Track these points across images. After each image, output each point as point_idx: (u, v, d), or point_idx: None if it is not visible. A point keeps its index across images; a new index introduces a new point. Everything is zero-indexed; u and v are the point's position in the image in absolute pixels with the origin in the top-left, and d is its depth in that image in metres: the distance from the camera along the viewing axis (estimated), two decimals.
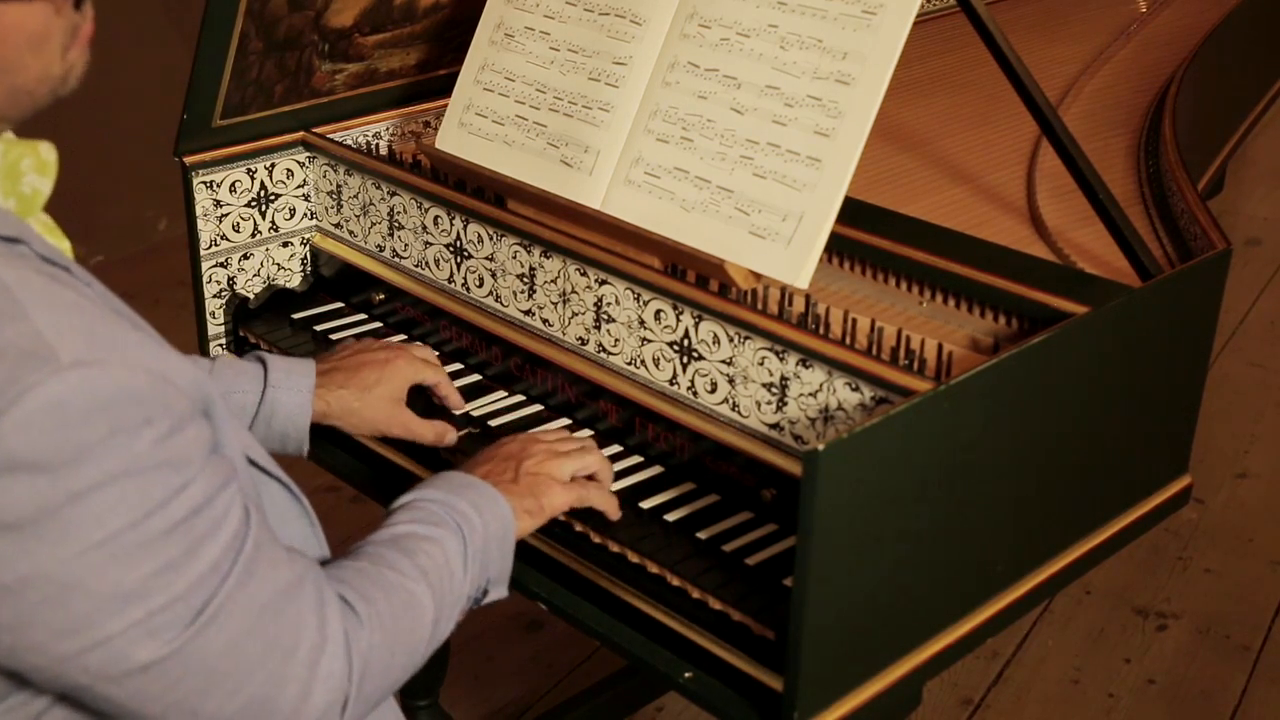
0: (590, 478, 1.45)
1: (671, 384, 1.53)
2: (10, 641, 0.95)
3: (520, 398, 1.69)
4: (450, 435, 1.60)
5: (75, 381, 0.92)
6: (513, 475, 1.38)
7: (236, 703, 1.03)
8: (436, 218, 1.77)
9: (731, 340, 1.45)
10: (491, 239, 1.70)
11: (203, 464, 0.99)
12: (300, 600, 1.07)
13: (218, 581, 1.00)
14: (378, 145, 1.98)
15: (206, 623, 0.99)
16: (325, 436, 1.63)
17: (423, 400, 1.64)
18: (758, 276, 1.48)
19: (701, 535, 1.42)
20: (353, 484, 1.72)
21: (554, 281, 1.63)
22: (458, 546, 1.26)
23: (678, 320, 1.50)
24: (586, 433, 1.61)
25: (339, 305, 1.93)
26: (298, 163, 1.92)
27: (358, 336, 1.83)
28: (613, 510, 1.44)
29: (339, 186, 1.90)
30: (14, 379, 0.90)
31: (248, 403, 1.50)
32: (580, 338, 1.62)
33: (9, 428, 0.90)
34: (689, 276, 1.52)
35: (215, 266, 1.88)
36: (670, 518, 1.46)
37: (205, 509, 0.99)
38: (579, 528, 1.45)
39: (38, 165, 1.06)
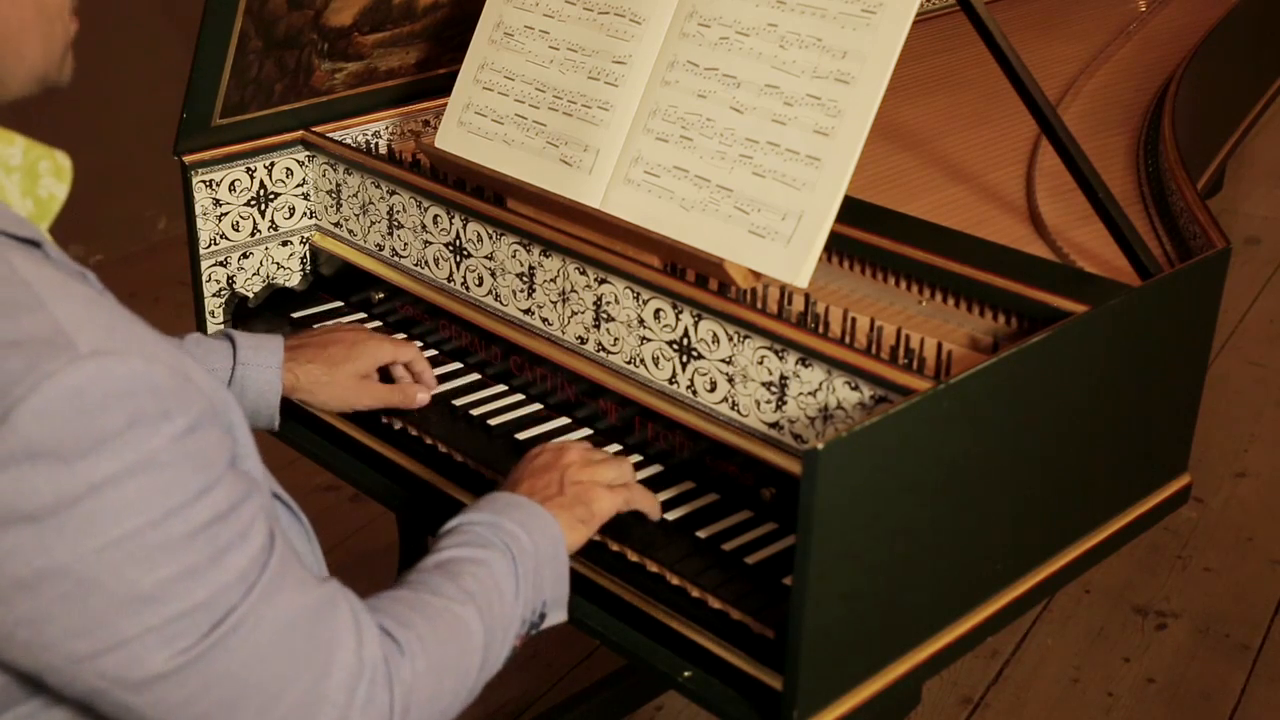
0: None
1: (671, 383, 1.53)
2: (27, 637, 0.94)
3: (520, 396, 1.69)
4: (422, 395, 1.63)
5: (94, 370, 0.91)
6: (557, 488, 1.36)
7: None
8: (436, 217, 1.77)
9: (731, 339, 1.45)
10: (491, 238, 1.70)
11: (225, 470, 0.98)
12: (334, 621, 1.04)
13: (242, 592, 0.98)
14: (377, 144, 1.98)
15: (227, 634, 0.97)
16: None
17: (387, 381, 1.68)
18: (757, 275, 1.48)
19: (701, 534, 1.42)
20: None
21: (553, 280, 1.63)
22: (507, 567, 1.23)
23: (677, 319, 1.50)
24: (586, 431, 1.61)
25: (338, 304, 1.93)
26: (297, 162, 1.92)
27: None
28: (654, 510, 1.43)
29: (338, 185, 1.90)
30: (32, 367, 0.90)
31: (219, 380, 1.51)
32: (580, 336, 1.62)
33: (27, 415, 0.89)
34: (688, 275, 1.52)
35: (215, 265, 1.88)
36: (669, 516, 1.45)
37: (230, 516, 0.97)
38: None
39: (54, 170, 1.05)
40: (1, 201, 1.02)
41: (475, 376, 1.73)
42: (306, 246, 1.97)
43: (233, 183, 1.86)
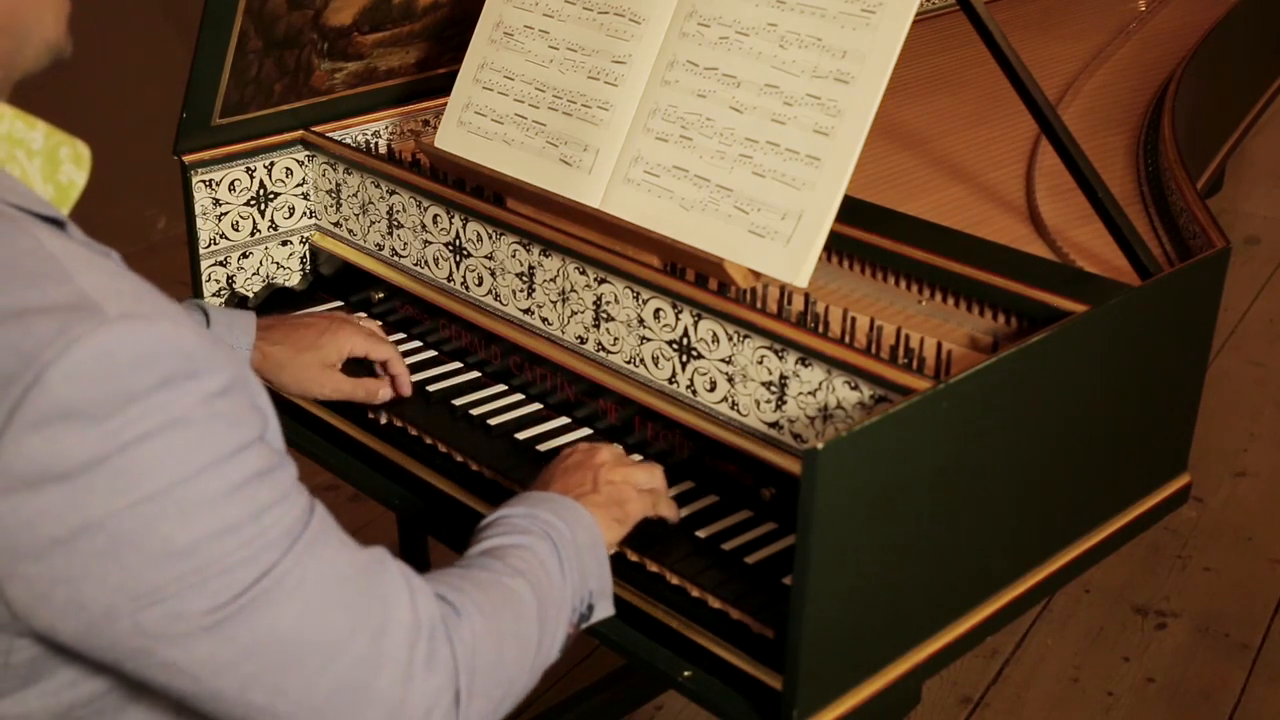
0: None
1: (671, 383, 1.53)
2: (65, 596, 0.94)
3: (519, 396, 1.69)
4: (384, 391, 1.63)
5: (123, 331, 0.92)
6: (591, 485, 1.35)
7: (326, 683, 1.00)
8: (436, 216, 1.77)
9: (731, 339, 1.45)
10: (491, 238, 1.70)
11: (258, 435, 0.99)
12: (385, 579, 1.04)
13: (285, 548, 0.98)
14: (377, 144, 1.98)
15: (271, 588, 0.97)
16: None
17: (366, 373, 1.67)
18: (757, 275, 1.48)
19: (701, 534, 1.42)
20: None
21: (553, 280, 1.63)
22: (549, 550, 1.23)
23: (677, 319, 1.50)
24: (585, 431, 1.61)
25: (338, 304, 1.93)
26: (297, 161, 1.92)
27: None
28: (673, 514, 1.42)
29: (338, 185, 1.90)
30: (62, 331, 0.91)
31: None
32: (579, 336, 1.62)
33: (58, 377, 0.90)
34: (688, 275, 1.52)
35: (214, 265, 1.88)
36: None
37: (268, 477, 0.98)
38: None
39: (74, 157, 1.07)
40: (25, 184, 1.03)
41: (475, 376, 1.73)
42: (306, 246, 1.97)
43: (232, 182, 1.86)
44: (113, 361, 0.91)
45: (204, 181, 1.83)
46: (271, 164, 1.89)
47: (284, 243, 1.95)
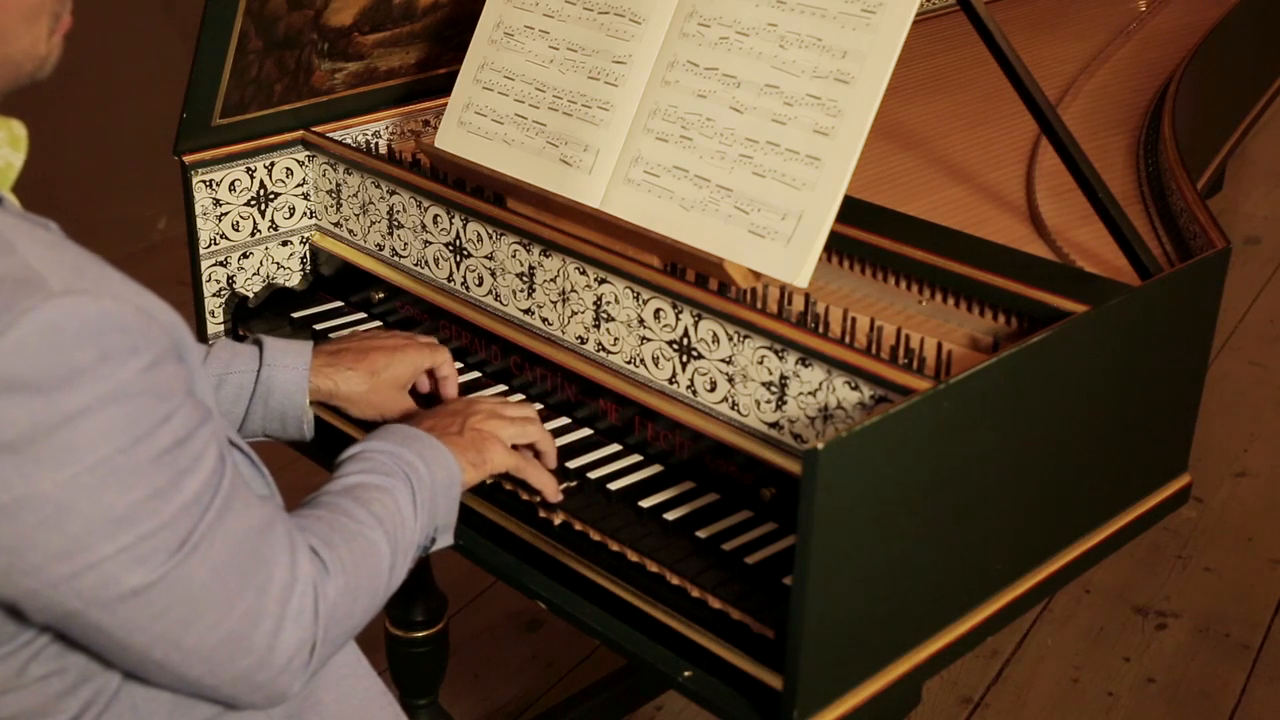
0: (535, 450, 1.50)
1: (671, 383, 1.53)
2: (7, 563, 0.98)
3: (520, 396, 1.69)
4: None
5: (67, 306, 0.96)
6: (458, 429, 1.43)
7: (216, 636, 1.06)
8: (436, 216, 1.77)
9: (731, 339, 1.45)
10: (491, 238, 1.70)
11: (183, 400, 1.03)
12: (273, 538, 1.10)
13: (200, 512, 1.04)
14: (377, 144, 1.98)
15: (190, 551, 1.03)
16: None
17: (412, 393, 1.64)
18: (757, 275, 1.48)
19: (701, 534, 1.43)
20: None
21: (553, 280, 1.63)
22: (407, 495, 1.29)
23: (677, 319, 1.50)
24: (586, 431, 1.61)
25: (338, 304, 1.93)
26: (297, 161, 1.92)
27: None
28: (550, 491, 1.47)
29: (338, 185, 1.90)
30: (9, 305, 0.95)
31: (244, 382, 1.52)
32: (580, 336, 1.62)
33: (6, 349, 0.94)
34: (688, 275, 1.52)
35: (215, 265, 1.88)
36: (670, 516, 1.46)
37: (187, 442, 1.03)
38: (579, 526, 1.45)
39: (10, 139, 1.10)
40: None
41: (475, 376, 1.74)
42: (306, 246, 1.97)
43: (233, 183, 1.86)
44: (58, 336, 0.95)
45: (204, 181, 1.83)
46: (272, 164, 1.90)
47: (284, 243, 1.95)
